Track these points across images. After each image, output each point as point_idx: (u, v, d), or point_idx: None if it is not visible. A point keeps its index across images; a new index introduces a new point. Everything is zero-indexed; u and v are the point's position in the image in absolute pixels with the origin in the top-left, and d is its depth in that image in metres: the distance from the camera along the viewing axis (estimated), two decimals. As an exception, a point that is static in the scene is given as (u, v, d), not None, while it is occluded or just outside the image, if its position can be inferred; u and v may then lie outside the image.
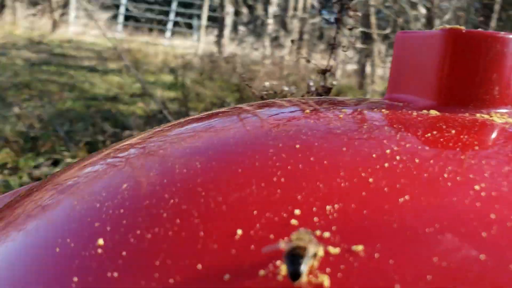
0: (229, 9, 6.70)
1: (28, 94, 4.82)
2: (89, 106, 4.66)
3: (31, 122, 3.80)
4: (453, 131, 0.49)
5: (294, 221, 0.35)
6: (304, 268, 0.28)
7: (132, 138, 0.61)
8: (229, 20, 7.03)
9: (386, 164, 0.40)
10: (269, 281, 0.30)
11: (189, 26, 9.04)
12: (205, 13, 7.55)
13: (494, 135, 0.50)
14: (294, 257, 0.28)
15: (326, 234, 0.33)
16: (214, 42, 7.35)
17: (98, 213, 0.40)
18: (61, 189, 0.50)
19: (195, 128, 0.58)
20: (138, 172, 0.47)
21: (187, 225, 0.36)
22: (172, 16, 9.04)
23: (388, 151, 0.42)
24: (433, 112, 0.54)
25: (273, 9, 6.44)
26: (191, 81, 5.86)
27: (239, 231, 0.34)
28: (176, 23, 8.95)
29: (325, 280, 0.29)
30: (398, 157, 0.41)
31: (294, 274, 0.28)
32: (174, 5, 9.01)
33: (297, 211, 0.36)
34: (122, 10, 8.88)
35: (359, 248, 0.32)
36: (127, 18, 8.81)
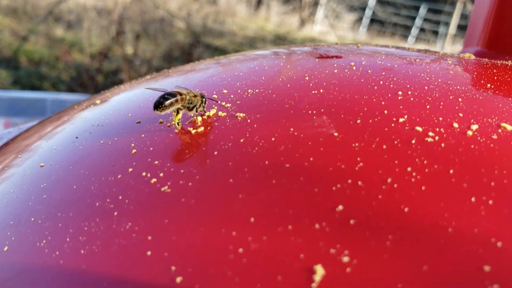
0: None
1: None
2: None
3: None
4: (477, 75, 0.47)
5: (215, 96, 0.44)
6: (164, 102, 0.38)
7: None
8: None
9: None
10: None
11: (436, 33, 8.71)
12: (454, 20, 7.13)
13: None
14: (168, 94, 0.39)
15: (227, 105, 0.42)
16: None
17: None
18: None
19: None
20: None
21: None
22: (418, 22, 8.87)
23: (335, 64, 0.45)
24: (469, 56, 0.52)
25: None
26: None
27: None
28: (421, 29, 8.76)
29: (200, 129, 0.39)
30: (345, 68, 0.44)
31: (156, 103, 0.38)
32: (422, 11, 8.81)
33: (225, 90, 0.45)
34: (368, 13, 9.21)
35: (240, 114, 0.39)
36: (373, 21, 9.10)
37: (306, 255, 0.26)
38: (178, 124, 0.39)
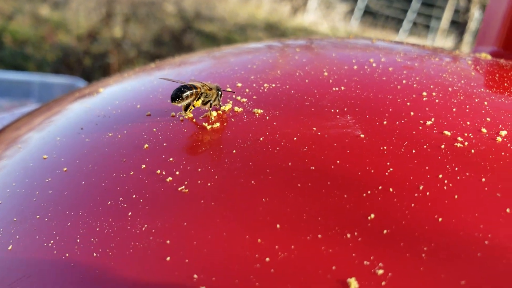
0: (475, 13, 6.18)
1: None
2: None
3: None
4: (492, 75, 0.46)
5: (229, 89, 0.42)
6: (181, 94, 0.36)
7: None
8: (473, 26, 6.49)
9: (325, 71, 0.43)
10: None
11: (427, 27, 8.77)
12: (446, 15, 7.15)
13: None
14: (184, 87, 0.37)
15: (243, 99, 0.40)
16: (452, 48, 6.92)
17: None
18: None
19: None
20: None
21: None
22: (410, 15, 8.90)
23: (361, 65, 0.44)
24: (485, 56, 0.51)
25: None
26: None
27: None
28: (413, 23, 8.81)
29: (215, 125, 0.37)
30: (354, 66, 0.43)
31: (173, 96, 0.36)
32: (414, 5, 8.84)
33: (239, 84, 0.43)
34: (360, 4, 9.21)
35: (258, 111, 0.38)
36: (365, 12, 9.11)
37: (339, 267, 0.25)
38: (189, 113, 0.37)
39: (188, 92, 0.37)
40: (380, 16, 9.18)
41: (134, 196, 0.31)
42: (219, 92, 0.39)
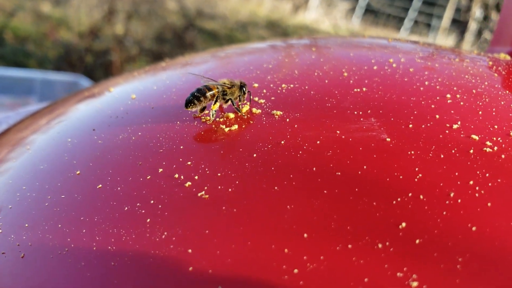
0: (477, 13, 6.17)
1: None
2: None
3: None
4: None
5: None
6: (193, 100, 0.35)
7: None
8: (473, 25, 6.47)
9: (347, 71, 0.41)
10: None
11: (428, 26, 8.76)
12: (447, 14, 7.13)
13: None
14: (198, 92, 0.36)
15: (261, 101, 0.38)
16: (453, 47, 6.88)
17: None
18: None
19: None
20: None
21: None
22: (411, 14, 8.88)
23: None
24: (504, 56, 0.50)
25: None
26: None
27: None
28: (414, 22, 8.79)
29: (233, 127, 0.35)
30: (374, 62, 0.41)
31: (186, 101, 0.35)
32: (416, 3, 8.82)
33: (255, 84, 0.42)
34: (362, 2, 9.18)
35: (277, 112, 0.36)
36: (367, 11, 9.08)
37: (371, 279, 0.24)
38: (212, 116, 0.36)
39: (202, 97, 0.35)
40: (381, 15, 9.15)
41: (152, 201, 0.30)
42: (243, 89, 0.37)
